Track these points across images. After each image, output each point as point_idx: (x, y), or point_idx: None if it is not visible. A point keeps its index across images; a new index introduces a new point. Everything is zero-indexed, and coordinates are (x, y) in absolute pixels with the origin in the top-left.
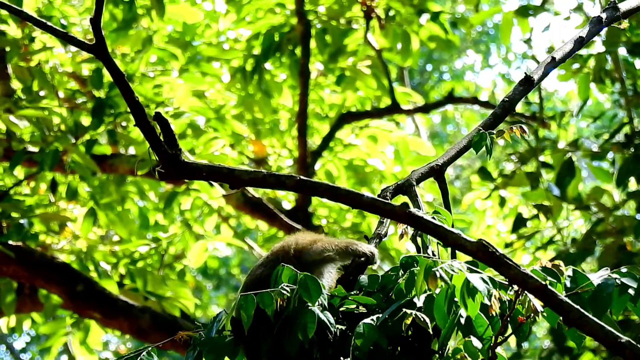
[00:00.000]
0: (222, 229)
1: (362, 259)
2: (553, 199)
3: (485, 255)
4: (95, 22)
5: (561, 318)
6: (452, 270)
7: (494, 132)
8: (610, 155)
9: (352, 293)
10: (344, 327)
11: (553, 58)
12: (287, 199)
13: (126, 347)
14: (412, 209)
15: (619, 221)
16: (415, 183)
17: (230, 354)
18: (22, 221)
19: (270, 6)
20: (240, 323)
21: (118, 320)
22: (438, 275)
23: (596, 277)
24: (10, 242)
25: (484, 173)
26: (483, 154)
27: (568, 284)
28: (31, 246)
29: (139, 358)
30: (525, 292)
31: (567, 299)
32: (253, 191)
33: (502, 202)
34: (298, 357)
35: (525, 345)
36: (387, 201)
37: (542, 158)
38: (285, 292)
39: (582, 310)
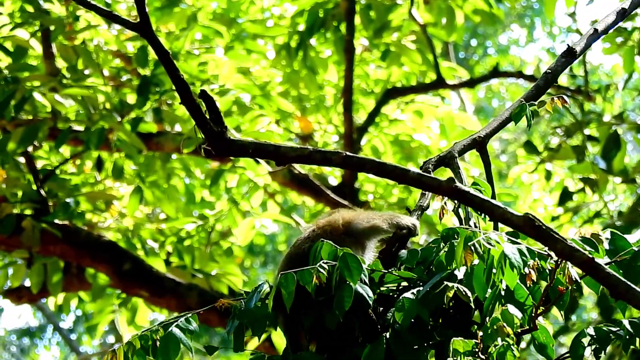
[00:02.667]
0: (269, 205)
1: (404, 231)
2: (599, 172)
3: (532, 229)
4: (140, 0)
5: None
6: (489, 243)
7: (536, 103)
8: None
9: (393, 268)
10: (382, 308)
11: (595, 30)
12: (334, 175)
13: None
14: (458, 184)
15: None
16: (457, 155)
17: (270, 325)
18: (68, 200)
19: None
20: (281, 298)
21: (165, 298)
22: (474, 248)
23: (634, 239)
24: (56, 221)
25: (529, 147)
26: (529, 128)
27: (607, 247)
28: (78, 225)
29: (176, 324)
30: (565, 261)
31: (614, 273)
32: (299, 167)
33: (548, 175)
34: (338, 333)
35: (572, 318)
36: (433, 176)
37: (587, 131)
38: (324, 269)
39: (629, 283)
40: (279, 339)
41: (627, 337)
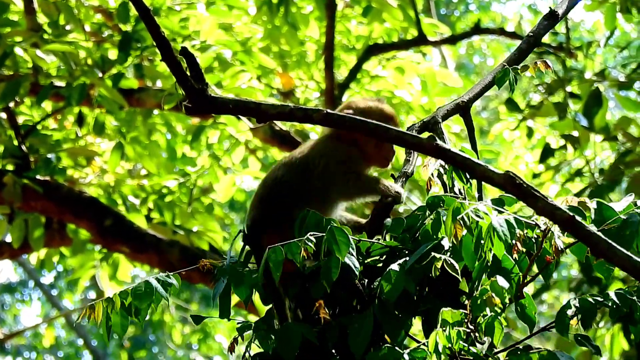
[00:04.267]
0: (250, 161)
1: (389, 199)
2: (580, 129)
3: (513, 187)
4: None
5: (589, 250)
6: (478, 216)
7: (519, 67)
8: (637, 85)
9: (379, 237)
10: (367, 280)
11: None
12: (315, 131)
13: None
14: (439, 142)
15: None
16: (440, 120)
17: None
18: (49, 156)
19: None
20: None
21: (147, 254)
22: (463, 222)
23: (619, 207)
24: (38, 177)
25: (511, 104)
26: (511, 93)
27: (593, 216)
28: (59, 181)
29: (156, 277)
30: (551, 231)
31: (595, 231)
32: (281, 124)
33: (530, 132)
34: (325, 302)
35: (554, 275)
36: (414, 134)
37: (569, 88)
38: (311, 243)
39: (610, 241)
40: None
41: (614, 306)
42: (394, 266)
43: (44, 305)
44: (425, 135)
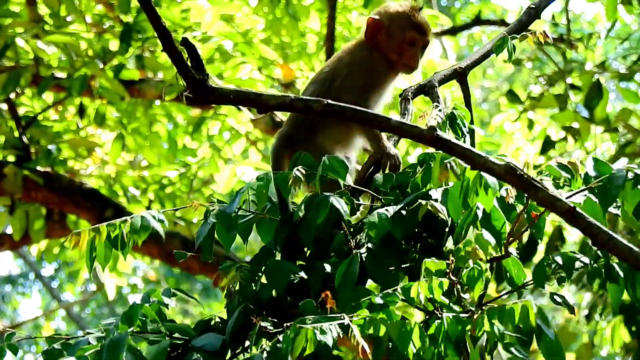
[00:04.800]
0: (250, 152)
1: (383, 159)
2: (581, 120)
3: (514, 177)
4: None
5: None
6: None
7: (518, 37)
8: (638, 76)
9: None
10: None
11: None
12: None
13: (156, 273)
14: (440, 132)
15: None
16: (437, 84)
17: (244, 231)
18: (50, 147)
19: None
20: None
21: (147, 245)
22: (449, 167)
23: (616, 167)
24: (39, 168)
25: (512, 95)
26: (511, 77)
27: (592, 173)
28: (60, 172)
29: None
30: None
31: (595, 222)
32: (281, 115)
33: (531, 124)
34: (314, 247)
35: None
36: (414, 125)
37: (570, 80)
38: (300, 175)
39: (611, 232)
40: None
41: (591, 267)
42: (381, 210)
43: (44, 297)
44: (420, 114)
